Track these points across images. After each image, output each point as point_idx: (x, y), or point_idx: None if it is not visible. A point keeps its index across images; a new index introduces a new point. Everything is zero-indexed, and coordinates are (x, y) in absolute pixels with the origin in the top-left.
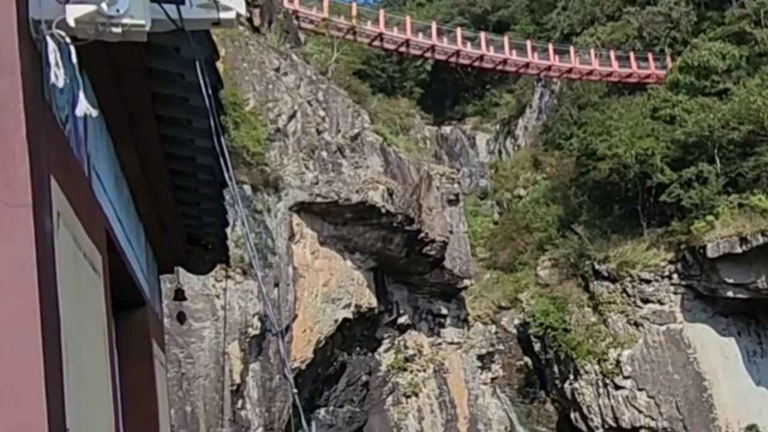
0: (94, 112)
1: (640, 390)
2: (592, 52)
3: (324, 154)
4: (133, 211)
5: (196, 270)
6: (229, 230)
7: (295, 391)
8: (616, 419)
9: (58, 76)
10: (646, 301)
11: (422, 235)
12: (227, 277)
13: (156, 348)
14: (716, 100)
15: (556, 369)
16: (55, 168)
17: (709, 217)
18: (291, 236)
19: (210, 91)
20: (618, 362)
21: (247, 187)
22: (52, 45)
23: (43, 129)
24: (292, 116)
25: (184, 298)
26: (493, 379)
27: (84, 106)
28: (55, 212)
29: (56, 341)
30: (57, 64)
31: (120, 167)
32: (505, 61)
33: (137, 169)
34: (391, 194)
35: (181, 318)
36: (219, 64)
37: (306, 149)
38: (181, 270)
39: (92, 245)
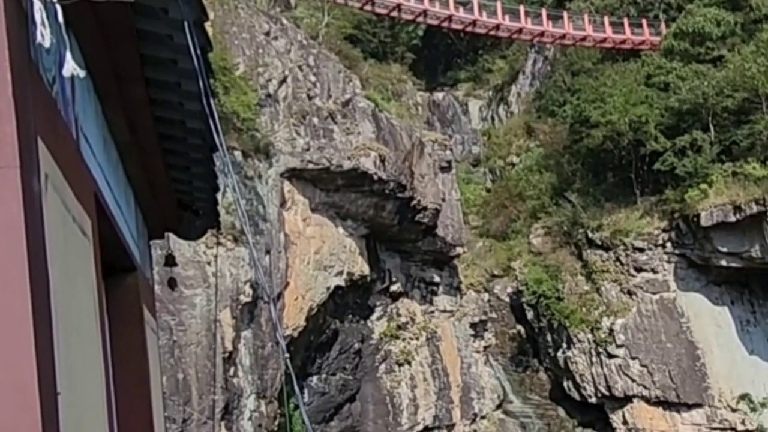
0: (82, 73)
1: (633, 359)
2: (586, 17)
3: (315, 119)
4: (122, 175)
5: (187, 235)
6: (219, 197)
7: (286, 355)
8: (609, 388)
9: (44, 36)
10: (639, 269)
11: (414, 202)
12: (218, 244)
13: (147, 314)
14: (711, 67)
15: (549, 337)
16: (42, 129)
17: (703, 186)
18: (282, 203)
19: (199, 53)
20: (611, 331)
21: (237, 153)
22: (37, 4)
23: (30, 89)
24: (283, 81)
25: (175, 264)
26: (485, 348)
27: (71, 67)
28: (43, 174)
29: (45, 303)
30: (43, 24)
31: (108, 130)
32: (497, 27)
33: (126, 132)
34: (383, 161)
35: (171, 284)
36: (208, 27)
37: (297, 115)
38: (171, 236)
39: (81, 208)
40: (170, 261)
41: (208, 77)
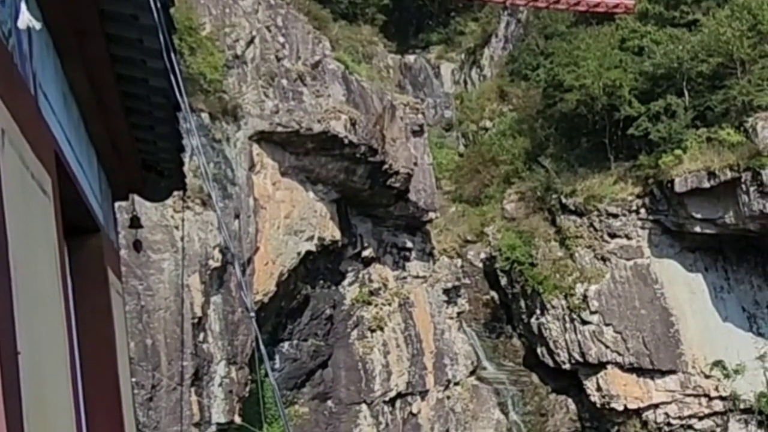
0: (38, 25)
1: (607, 325)
2: None
3: (284, 81)
4: (83, 134)
5: (152, 197)
6: (186, 159)
7: (252, 315)
8: (582, 354)
9: None
10: (613, 235)
11: (386, 166)
12: (186, 207)
13: (112, 276)
14: (685, 31)
15: (522, 304)
16: None
17: (677, 151)
18: (251, 166)
19: (160, 7)
20: (585, 297)
21: (204, 116)
22: None
23: None
24: (251, 42)
25: (140, 226)
26: (459, 314)
27: (26, 18)
28: None
29: (4, 261)
30: None
31: (69, 87)
32: None
33: (87, 89)
34: (353, 124)
35: (137, 246)
36: None
37: (265, 77)
38: (137, 200)
39: (40, 166)
40: (135, 223)
41: (170, 33)
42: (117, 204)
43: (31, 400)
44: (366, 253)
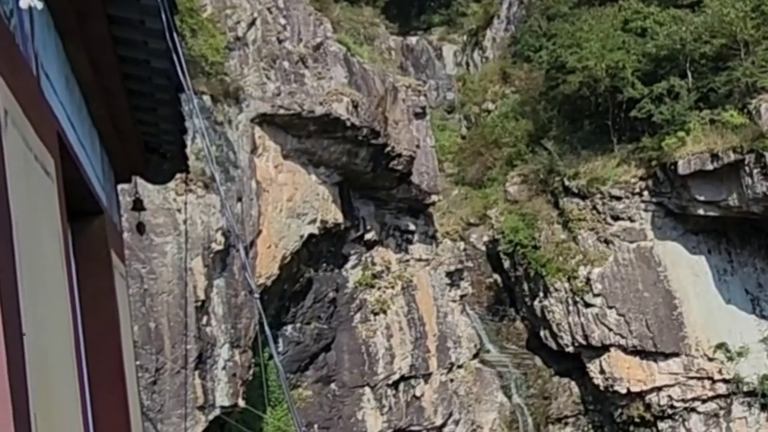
0: (39, 5)
1: (610, 308)
2: None
3: (286, 64)
4: (86, 116)
5: (155, 180)
6: (189, 142)
7: (257, 296)
8: (585, 337)
9: None
10: (616, 218)
11: (388, 149)
12: (188, 190)
13: (115, 258)
14: (688, 12)
15: (525, 286)
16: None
17: (680, 133)
18: (253, 149)
19: None
20: (588, 280)
21: (206, 98)
22: None
23: None
24: (252, 24)
25: (143, 209)
26: (462, 297)
27: None
28: (2, 109)
29: (8, 243)
30: None
31: (71, 69)
32: None
33: (89, 71)
34: (355, 106)
35: (140, 229)
36: None
37: (267, 59)
38: (140, 183)
39: (43, 148)
40: (138, 205)
41: (172, 13)
42: (119, 187)
43: (37, 381)
44: (369, 236)
